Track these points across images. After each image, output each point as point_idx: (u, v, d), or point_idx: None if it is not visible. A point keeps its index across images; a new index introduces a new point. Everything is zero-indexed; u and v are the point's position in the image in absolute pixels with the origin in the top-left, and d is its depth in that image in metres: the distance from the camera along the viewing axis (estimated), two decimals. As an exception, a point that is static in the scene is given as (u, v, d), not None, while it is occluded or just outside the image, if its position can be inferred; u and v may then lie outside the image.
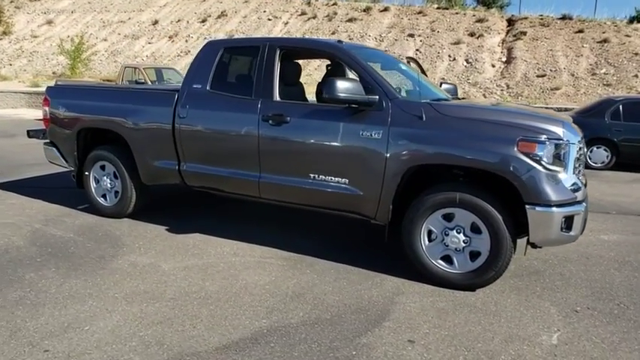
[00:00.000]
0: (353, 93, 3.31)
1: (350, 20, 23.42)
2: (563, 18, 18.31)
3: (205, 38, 27.05)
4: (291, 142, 3.68)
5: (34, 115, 13.74)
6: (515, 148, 2.98)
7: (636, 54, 15.18)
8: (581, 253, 4.10)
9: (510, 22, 19.33)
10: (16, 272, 3.45)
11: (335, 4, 25.68)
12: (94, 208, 4.87)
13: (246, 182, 3.96)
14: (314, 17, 25.03)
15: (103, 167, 4.80)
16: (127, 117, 4.45)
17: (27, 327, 2.69)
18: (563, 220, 3.01)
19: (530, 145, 2.96)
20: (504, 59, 16.76)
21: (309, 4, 26.58)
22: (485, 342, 2.65)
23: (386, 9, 23.59)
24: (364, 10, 23.93)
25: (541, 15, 19.08)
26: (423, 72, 4.49)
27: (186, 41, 26.46)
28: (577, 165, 3.18)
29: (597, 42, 16.12)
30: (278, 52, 3.85)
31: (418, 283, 3.37)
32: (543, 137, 3.00)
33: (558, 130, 3.08)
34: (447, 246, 3.27)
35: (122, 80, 13.86)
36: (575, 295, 3.29)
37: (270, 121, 3.72)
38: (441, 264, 3.31)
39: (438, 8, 22.26)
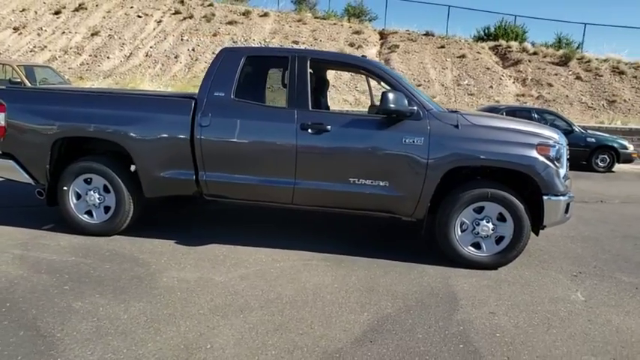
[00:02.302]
0: (400, 105, 3.72)
1: (230, 23, 23.22)
2: (427, 34, 21.05)
3: (63, 32, 24.09)
4: (333, 149, 3.92)
5: None
6: (536, 151, 3.74)
7: (488, 68, 18.36)
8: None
9: (383, 35, 21.45)
10: (54, 303, 3.05)
11: (211, 4, 25.14)
12: (74, 226, 4.36)
13: (278, 189, 4.05)
14: (190, 17, 24.16)
15: (88, 180, 4.33)
16: (130, 125, 4.14)
17: (144, 356, 2.51)
18: (566, 206, 3.88)
19: (545, 149, 3.76)
20: (384, 69, 18.57)
21: (182, 2, 25.51)
22: (541, 305, 3.32)
23: (266, 14, 23.97)
24: (244, 14, 23.95)
25: (408, 30, 21.59)
26: None
27: (39, 35, 23.21)
28: (567, 164, 4.10)
29: (457, 57, 19.01)
30: (309, 64, 4.04)
31: (452, 268, 3.93)
32: (552, 141, 3.83)
33: (556, 136, 3.96)
34: (477, 234, 3.90)
35: (-13, 79, 11.68)
36: (565, 264, 4.21)
37: (310, 130, 3.91)
38: (471, 250, 3.93)
39: (316, 18, 23.46)
